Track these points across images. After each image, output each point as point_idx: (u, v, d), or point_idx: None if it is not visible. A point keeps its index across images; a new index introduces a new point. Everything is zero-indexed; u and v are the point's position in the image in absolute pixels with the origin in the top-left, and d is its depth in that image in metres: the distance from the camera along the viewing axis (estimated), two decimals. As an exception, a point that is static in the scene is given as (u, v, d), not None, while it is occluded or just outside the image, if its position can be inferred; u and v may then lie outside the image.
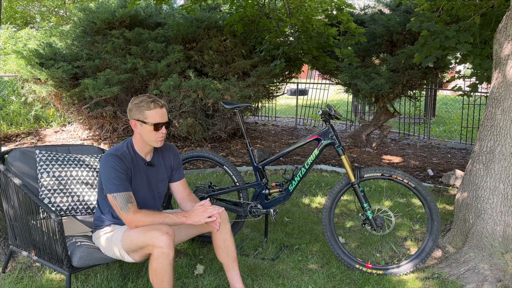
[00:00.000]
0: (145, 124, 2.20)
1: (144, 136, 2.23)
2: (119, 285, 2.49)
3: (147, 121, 2.19)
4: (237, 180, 3.07)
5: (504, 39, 2.74)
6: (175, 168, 2.46)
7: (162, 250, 2.01)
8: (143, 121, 2.20)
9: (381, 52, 6.57)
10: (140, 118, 2.20)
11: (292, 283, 2.59)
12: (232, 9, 6.53)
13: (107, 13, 6.01)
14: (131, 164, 2.24)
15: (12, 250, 2.56)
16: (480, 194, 2.81)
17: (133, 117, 2.23)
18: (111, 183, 2.15)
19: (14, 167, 2.56)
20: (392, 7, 6.83)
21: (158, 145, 2.27)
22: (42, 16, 15.16)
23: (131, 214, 2.13)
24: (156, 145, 2.26)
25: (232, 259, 2.36)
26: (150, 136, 2.22)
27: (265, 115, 9.65)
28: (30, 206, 2.33)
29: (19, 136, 6.60)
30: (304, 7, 5.80)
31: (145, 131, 2.21)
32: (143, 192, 2.31)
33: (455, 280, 2.60)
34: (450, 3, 4.21)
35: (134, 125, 2.24)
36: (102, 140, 6.27)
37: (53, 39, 6.92)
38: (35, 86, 5.99)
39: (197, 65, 6.14)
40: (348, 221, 3.65)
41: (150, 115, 2.19)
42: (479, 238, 2.76)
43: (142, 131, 2.23)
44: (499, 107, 2.73)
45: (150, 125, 2.19)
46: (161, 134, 2.23)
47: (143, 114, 2.19)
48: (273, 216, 2.91)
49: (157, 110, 2.20)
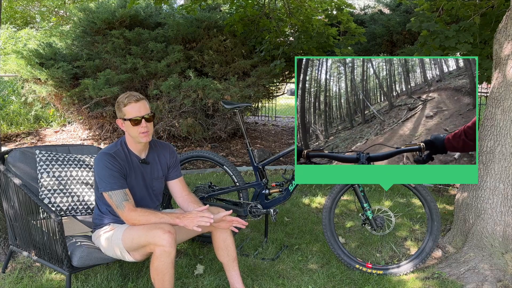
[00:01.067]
0: (126, 121, 2.21)
1: (129, 133, 2.24)
2: (119, 285, 2.49)
3: (126, 117, 2.20)
4: (237, 180, 3.07)
5: (504, 39, 2.74)
6: (171, 166, 2.46)
7: (164, 249, 2.01)
8: (123, 118, 2.22)
9: (381, 52, 6.58)
10: (121, 116, 2.23)
11: (292, 283, 2.59)
12: (232, 9, 6.54)
13: (107, 13, 6.01)
14: (125, 162, 2.25)
15: (12, 250, 2.56)
16: (480, 194, 2.81)
17: (118, 117, 2.25)
18: (105, 182, 2.16)
19: (14, 167, 2.56)
20: (392, 7, 6.84)
21: (143, 140, 2.24)
22: (42, 16, 15.16)
23: (126, 212, 2.14)
24: (142, 140, 2.24)
25: (232, 259, 2.36)
26: (133, 131, 2.21)
27: (265, 115, 9.65)
28: (30, 206, 2.33)
29: (19, 136, 6.60)
30: (304, 7, 5.81)
31: (128, 128, 2.22)
32: (139, 189, 2.32)
33: (455, 280, 2.60)
34: (450, 3, 4.21)
35: (120, 124, 2.26)
36: (102, 140, 6.27)
37: (53, 39, 6.92)
38: (35, 86, 5.99)
39: (197, 65, 6.14)
40: (348, 221, 3.65)
41: (127, 111, 2.19)
42: (479, 238, 2.76)
43: (126, 128, 2.24)
44: (499, 107, 2.73)
45: (129, 121, 2.20)
46: (143, 128, 2.20)
47: (121, 111, 2.21)
48: (273, 216, 2.91)
49: (133, 105, 2.19)
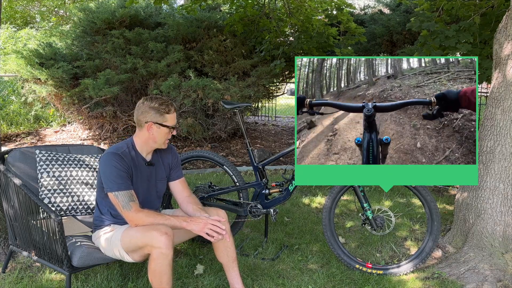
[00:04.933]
0: (162, 127, 2.24)
1: (157, 138, 2.27)
2: (119, 285, 2.49)
3: (166, 124, 2.25)
4: (237, 180, 3.07)
5: (504, 39, 2.74)
6: (173, 167, 2.47)
7: (160, 251, 2.01)
8: (161, 123, 2.24)
9: (381, 52, 6.58)
10: (159, 121, 2.24)
11: (292, 283, 2.59)
12: (232, 9, 6.54)
13: (107, 13, 6.01)
14: (131, 163, 2.25)
15: (12, 250, 2.56)
16: (480, 194, 2.81)
17: (151, 120, 2.24)
18: (112, 182, 2.15)
19: (14, 167, 2.56)
20: (392, 7, 6.84)
21: (165, 147, 2.34)
22: (42, 16, 15.15)
23: (133, 212, 2.13)
24: (164, 146, 2.34)
25: (232, 260, 2.36)
26: (163, 138, 2.28)
27: (265, 115, 9.64)
28: (30, 206, 2.33)
29: (19, 136, 6.60)
30: (304, 7, 5.81)
31: (161, 133, 2.26)
32: (143, 191, 2.32)
33: (455, 280, 2.60)
34: (450, 3, 4.21)
35: (149, 126, 2.25)
36: (102, 140, 6.27)
37: (53, 39, 6.93)
38: (35, 86, 5.99)
39: (197, 65, 6.14)
40: (348, 221, 3.65)
41: (170, 118, 2.26)
42: (479, 238, 2.76)
43: (158, 133, 2.26)
44: (499, 107, 2.73)
45: (167, 128, 2.26)
46: (170, 135, 2.31)
47: (163, 117, 2.24)
48: (273, 216, 2.91)
49: (174, 113, 2.29)
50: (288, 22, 6.27)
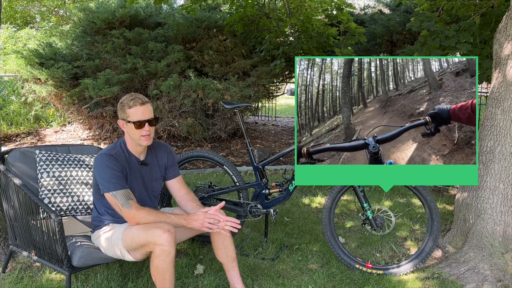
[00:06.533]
0: (129, 123, 2.21)
1: (130, 134, 2.24)
2: (119, 285, 2.49)
3: (130, 119, 2.20)
4: (237, 180, 3.07)
5: (504, 39, 2.74)
6: (169, 166, 2.46)
7: (163, 248, 2.01)
8: (126, 119, 2.21)
9: (381, 52, 6.58)
10: (124, 117, 2.22)
11: (292, 283, 2.59)
12: (232, 9, 6.54)
13: (107, 13, 6.01)
14: (125, 163, 2.25)
15: (12, 250, 2.56)
16: (480, 194, 2.81)
17: (120, 117, 2.25)
18: (108, 182, 2.16)
19: (14, 167, 2.56)
20: (392, 7, 6.84)
21: (144, 144, 2.25)
22: (42, 16, 15.15)
23: (133, 210, 2.13)
24: (142, 143, 2.24)
25: (231, 259, 2.36)
26: (135, 134, 2.21)
27: (265, 115, 9.64)
28: (30, 206, 2.33)
29: (19, 136, 6.60)
30: (304, 7, 5.81)
31: (130, 130, 2.22)
32: (138, 191, 2.32)
33: (455, 280, 2.60)
34: (450, 3, 4.21)
35: (122, 125, 2.26)
36: (102, 140, 6.27)
37: (53, 39, 6.92)
38: (35, 86, 5.99)
39: (197, 65, 6.14)
40: (348, 221, 3.65)
41: (131, 113, 2.19)
42: (479, 238, 2.76)
43: (128, 130, 2.23)
44: (499, 107, 2.73)
45: (132, 123, 2.19)
46: (145, 131, 2.21)
47: (125, 112, 2.21)
48: (273, 216, 2.91)
49: (138, 107, 2.19)
50: (288, 22, 6.27)
